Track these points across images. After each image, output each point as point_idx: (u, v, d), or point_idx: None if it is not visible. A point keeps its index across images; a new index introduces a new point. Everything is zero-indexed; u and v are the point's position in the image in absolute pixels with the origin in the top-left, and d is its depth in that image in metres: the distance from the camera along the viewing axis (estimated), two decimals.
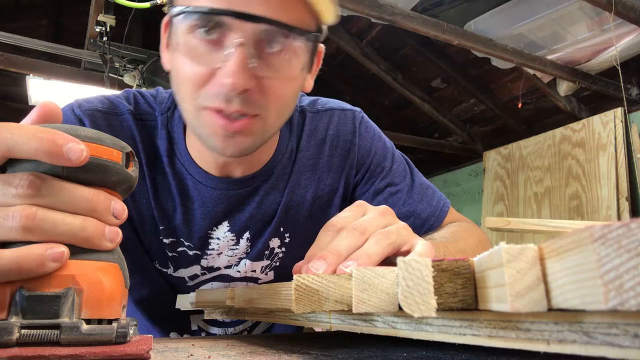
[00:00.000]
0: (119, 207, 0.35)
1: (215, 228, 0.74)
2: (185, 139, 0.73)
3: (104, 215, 0.34)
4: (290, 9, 0.58)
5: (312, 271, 0.43)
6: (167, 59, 0.67)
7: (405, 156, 0.89)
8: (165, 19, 0.67)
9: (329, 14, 0.62)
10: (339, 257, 0.44)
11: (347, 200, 0.83)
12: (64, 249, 0.31)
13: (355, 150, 0.81)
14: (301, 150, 0.79)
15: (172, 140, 0.73)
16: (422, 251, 0.48)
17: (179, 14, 0.57)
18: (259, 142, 0.65)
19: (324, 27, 0.65)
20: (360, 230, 0.46)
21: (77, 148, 0.31)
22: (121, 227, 0.35)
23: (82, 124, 0.69)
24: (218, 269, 0.77)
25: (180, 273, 0.76)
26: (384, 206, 0.52)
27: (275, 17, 0.56)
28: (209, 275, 0.78)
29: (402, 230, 0.49)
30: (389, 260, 0.47)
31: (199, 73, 0.58)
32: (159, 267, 0.76)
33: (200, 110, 0.60)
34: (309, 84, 0.71)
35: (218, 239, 0.75)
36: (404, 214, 0.80)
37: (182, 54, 0.59)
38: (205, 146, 0.65)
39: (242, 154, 0.64)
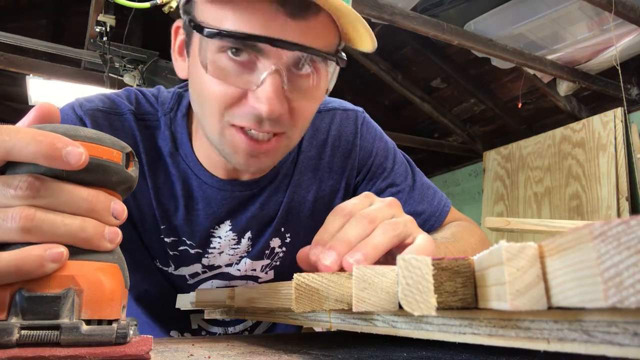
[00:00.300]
0: (119, 208, 0.35)
1: (217, 227, 0.75)
2: (192, 140, 0.73)
3: (103, 215, 0.34)
4: (324, 35, 0.59)
5: (321, 261, 0.43)
6: (183, 67, 0.67)
7: (407, 156, 0.89)
8: (176, 24, 0.67)
9: (364, 43, 0.62)
10: (349, 246, 0.44)
11: None
12: (63, 250, 0.31)
13: (357, 151, 0.81)
14: (303, 151, 0.79)
15: (176, 141, 0.73)
16: (422, 244, 0.48)
17: (214, 35, 0.55)
18: (280, 159, 0.67)
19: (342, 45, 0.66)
20: (369, 219, 0.46)
21: (76, 152, 0.31)
22: (122, 226, 0.35)
23: (82, 123, 0.68)
24: (219, 267, 0.77)
25: (181, 271, 0.77)
26: (390, 198, 0.52)
27: (310, 44, 0.56)
28: (209, 274, 0.78)
29: (408, 222, 0.49)
30: (392, 252, 0.47)
31: (229, 93, 0.58)
32: (160, 266, 0.76)
33: (226, 128, 0.60)
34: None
35: (220, 237, 0.75)
36: None
37: (209, 72, 0.58)
38: (227, 161, 0.65)
39: (263, 172, 0.66)
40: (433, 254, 0.48)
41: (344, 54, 0.64)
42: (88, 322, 0.31)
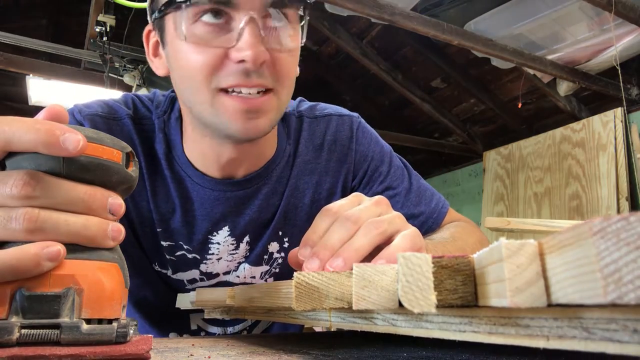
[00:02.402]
0: (116, 204, 0.34)
1: (215, 233, 0.74)
2: (183, 141, 0.73)
3: (100, 212, 0.34)
4: None
5: (305, 269, 0.44)
6: (160, 63, 0.68)
7: (404, 159, 0.89)
8: (147, 28, 0.69)
9: None
10: (332, 251, 0.45)
11: None
12: (60, 248, 0.31)
13: (353, 155, 0.82)
14: (299, 155, 0.79)
15: (170, 144, 0.73)
16: (398, 243, 0.46)
17: (183, 2, 0.57)
18: (274, 121, 0.66)
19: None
20: (353, 220, 0.47)
21: (74, 138, 0.31)
22: None
23: None
24: (217, 275, 0.77)
25: (179, 276, 0.77)
26: (379, 196, 0.52)
27: None
28: (207, 283, 0.78)
29: (395, 219, 0.48)
30: (380, 248, 0.47)
31: (211, 56, 0.59)
32: (159, 269, 0.76)
33: (216, 95, 0.61)
34: (297, 69, 0.72)
35: (218, 243, 0.75)
36: None
37: (187, 47, 0.60)
38: (224, 134, 0.65)
39: (260, 134, 0.64)
40: (417, 246, 0.47)
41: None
42: (88, 321, 0.31)
